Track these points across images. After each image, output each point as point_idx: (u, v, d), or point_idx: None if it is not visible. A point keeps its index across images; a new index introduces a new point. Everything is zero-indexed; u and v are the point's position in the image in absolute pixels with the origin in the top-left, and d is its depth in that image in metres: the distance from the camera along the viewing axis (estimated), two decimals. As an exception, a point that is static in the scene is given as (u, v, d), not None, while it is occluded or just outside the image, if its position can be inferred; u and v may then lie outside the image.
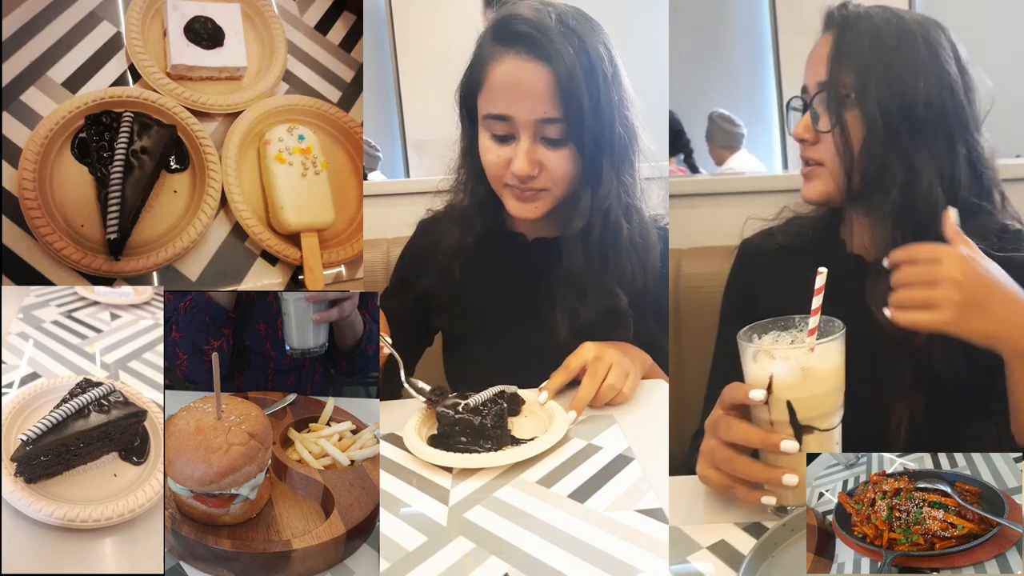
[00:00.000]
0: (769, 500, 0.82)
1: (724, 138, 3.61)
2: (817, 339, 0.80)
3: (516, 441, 0.96)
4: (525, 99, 1.08)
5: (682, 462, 1.06)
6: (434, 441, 0.96)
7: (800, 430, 0.80)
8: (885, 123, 0.95)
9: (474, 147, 1.18)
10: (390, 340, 1.11)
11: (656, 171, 1.21)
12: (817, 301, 0.82)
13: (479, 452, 0.93)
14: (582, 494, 0.85)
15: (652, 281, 1.20)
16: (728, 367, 0.92)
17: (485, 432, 0.94)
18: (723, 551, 0.79)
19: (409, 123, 4.16)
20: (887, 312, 0.86)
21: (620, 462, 0.91)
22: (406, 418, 1.01)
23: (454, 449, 0.94)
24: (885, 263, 0.88)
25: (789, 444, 0.79)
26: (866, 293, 0.95)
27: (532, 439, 0.95)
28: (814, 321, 0.81)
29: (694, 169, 3.51)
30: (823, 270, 0.83)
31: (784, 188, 1.48)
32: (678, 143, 3.41)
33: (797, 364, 0.79)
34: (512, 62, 1.09)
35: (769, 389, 0.80)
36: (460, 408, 0.96)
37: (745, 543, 0.79)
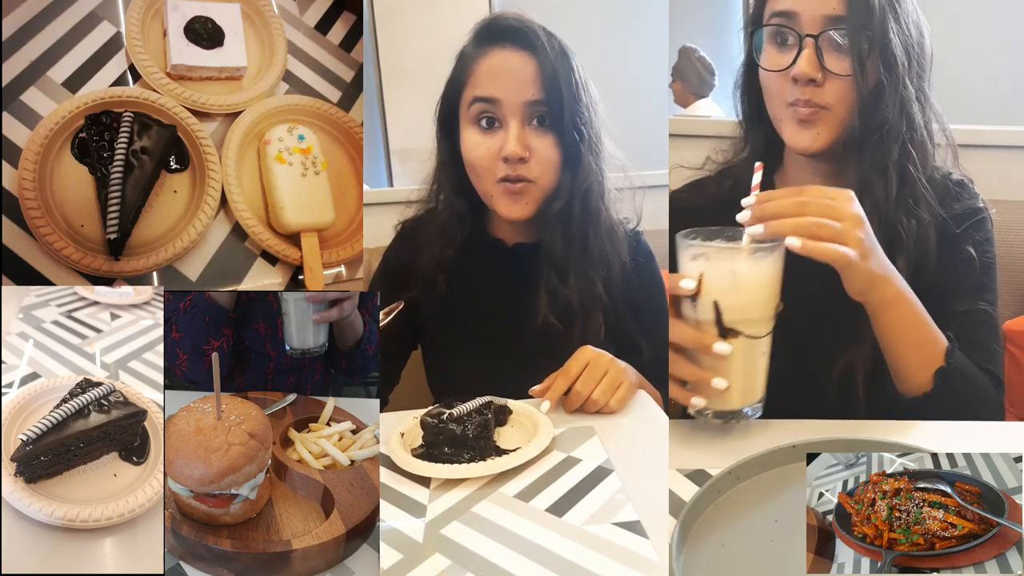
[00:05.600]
0: (699, 402, 0.84)
1: (698, 84, 3.37)
2: (753, 243, 0.80)
3: (500, 452, 0.94)
4: (512, 83, 1.12)
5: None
6: (418, 454, 0.94)
7: (725, 332, 0.82)
8: (897, 64, 0.92)
9: (451, 160, 1.19)
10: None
11: (655, 179, 1.22)
12: (753, 199, 0.81)
13: (461, 463, 0.91)
14: (560, 508, 0.83)
15: (623, 274, 1.20)
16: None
17: (468, 442, 0.93)
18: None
19: (392, 131, 4.12)
20: (793, 243, 0.79)
21: (599, 474, 0.89)
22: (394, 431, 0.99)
23: (437, 460, 0.92)
24: (750, 200, 0.81)
25: (722, 346, 0.81)
26: None
27: (516, 449, 0.93)
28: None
29: None
30: (760, 164, 0.81)
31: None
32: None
33: (729, 267, 0.80)
34: (499, 54, 1.14)
35: (699, 288, 0.81)
36: (444, 418, 0.94)
37: (687, 490, 0.80)
